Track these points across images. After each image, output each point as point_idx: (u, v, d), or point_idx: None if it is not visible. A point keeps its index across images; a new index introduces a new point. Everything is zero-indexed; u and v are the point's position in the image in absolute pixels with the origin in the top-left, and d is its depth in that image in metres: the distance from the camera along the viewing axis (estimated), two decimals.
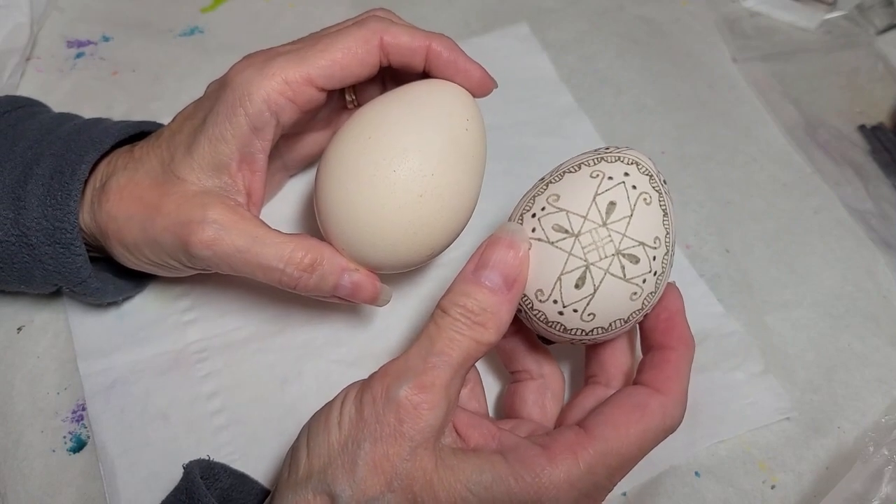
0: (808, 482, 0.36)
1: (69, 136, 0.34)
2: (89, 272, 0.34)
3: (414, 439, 0.26)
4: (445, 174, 0.31)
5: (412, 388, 0.26)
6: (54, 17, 0.51)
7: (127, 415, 0.35)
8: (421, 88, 0.33)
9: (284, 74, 0.31)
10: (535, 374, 0.33)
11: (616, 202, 0.29)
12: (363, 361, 0.38)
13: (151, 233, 0.32)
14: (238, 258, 0.31)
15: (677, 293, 0.31)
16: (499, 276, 0.28)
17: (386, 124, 0.31)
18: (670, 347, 0.30)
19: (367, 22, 0.33)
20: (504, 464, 0.26)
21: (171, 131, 0.34)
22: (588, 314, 0.29)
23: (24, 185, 0.33)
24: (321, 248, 0.32)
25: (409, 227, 0.31)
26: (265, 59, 0.32)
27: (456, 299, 0.28)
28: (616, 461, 0.27)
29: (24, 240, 0.33)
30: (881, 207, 0.45)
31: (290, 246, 0.31)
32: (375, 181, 0.30)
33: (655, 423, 0.28)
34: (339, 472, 0.26)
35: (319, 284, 0.32)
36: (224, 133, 0.32)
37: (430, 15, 0.53)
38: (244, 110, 0.31)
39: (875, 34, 0.54)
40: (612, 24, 0.53)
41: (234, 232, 0.31)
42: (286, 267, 0.31)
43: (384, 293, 0.34)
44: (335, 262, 0.32)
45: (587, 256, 0.28)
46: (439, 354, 0.27)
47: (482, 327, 0.27)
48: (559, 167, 0.31)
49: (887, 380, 0.39)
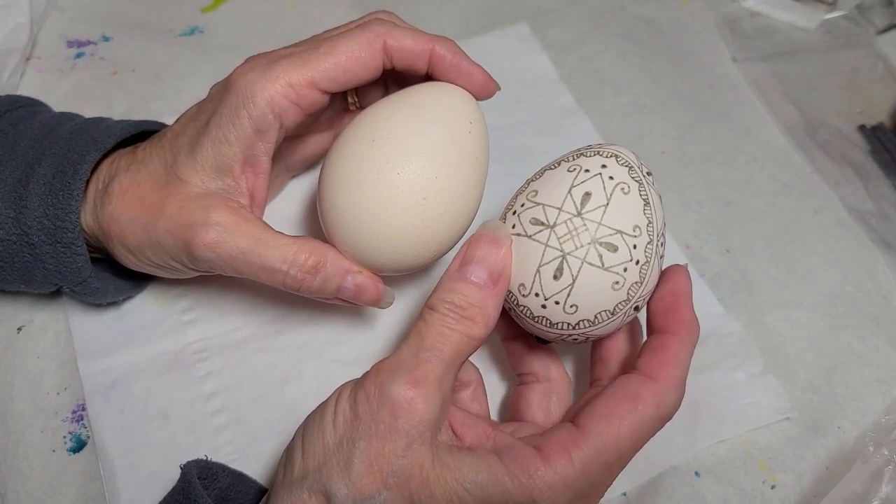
0: (808, 482, 0.36)
1: (71, 135, 0.34)
2: (90, 272, 0.34)
3: (409, 434, 0.26)
4: (449, 177, 0.31)
5: (405, 383, 0.26)
6: (54, 17, 0.51)
7: (127, 415, 0.35)
8: (424, 91, 0.33)
9: (288, 77, 0.31)
10: (541, 378, 0.33)
11: (591, 192, 0.29)
12: (363, 361, 0.38)
13: (154, 235, 0.32)
14: (241, 260, 0.31)
15: (685, 276, 0.31)
16: (484, 271, 0.28)
17: (389, 127, 0.31)
18: (670, 332, 0.29)
19: (369, 25, 0.33)
20: (500, 464, 0.26)
21: (174, 133, 0.34)
22: (570, 306, 0.29)
23: (26, 184, 0.33)
24: (324, 249, 0.32)
25: (413, 229, 0.31)
26: (269, 62, 0.32)
27: (443, 296, 0.28)
28: (611, 456, 0.27)
29: (25, 239, 0.33)
30: (881, 207, 0.45)
31: (293, 248, 0.31)
32: (379, 184, 0.30)
33: (649, 413, 0.27)
34: (335, 471, 0.26)
35: (323, 286, 0.32)
36: (227, 135, 0.32)
37: (430, 15, 0.53)
38: (248, 113, 0.31)
39: (875, 34, 0.54)
40: (612, 24, 0.53)
41: (238, 234, 0.31)
42: (289, 269, 0.31)
43: (387, 295, 0.34)
44: (338, 265, 0.32)
45: (563, 246, 0.28)
46: (430, 349, 0.27)
47: (471, 321, 0.27)
48: (542, 168, 0.31)
49: (887, 380, 0.39)
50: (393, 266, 0.32)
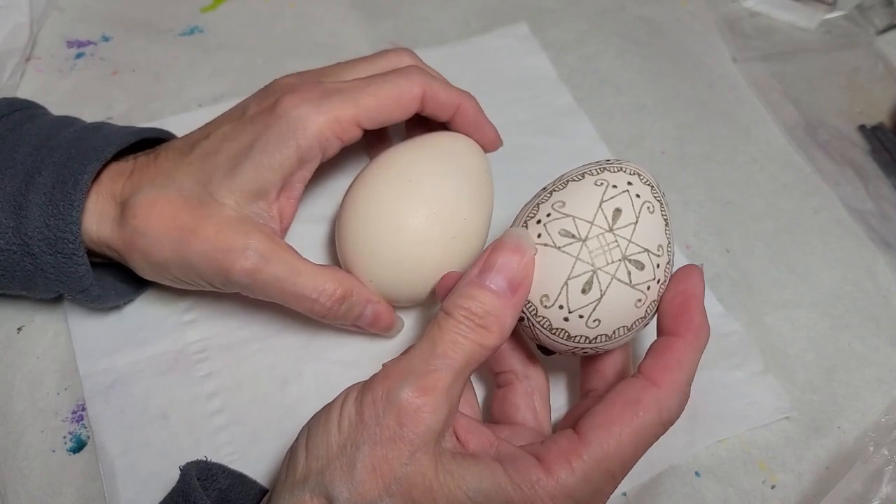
0: (808, 482, 0.36)
1: (70, 143, 0.34)
2: (91, 281, 0.34)
3: (414, 443, 0.25)
4: (473, 217, 0.35)
5: (414, 390, 0.26)
6: (54, 17, 0.51)
7: (127, 415, 0.35)
8: (447, 140, 0.37)
9: (337, 113, 0.33)
10: (520, 375, 0.33)
11: (622, 209, 0.29)
12: (363, 362, 0.38)
13: (186, 256, 0.32)
14: (276, 287, 0.33)
15: (698, 278, 0.30)
16: (504, 279, 0.28)
17: (423, 170, 0.35)
18: (677, 335, 0.29)
19: (411, 74, 0.35)
20: (503, 473, 0.26)
21: (204, 151, 0.34)
22: (594, 320, 0.29)
23: (26, 194, 0.32)
24: (351, 280, 0.34)
25: (442, 265, 0.34)
26: (320, 97, 0.34)
27: (460, 302, 0.27)
28: (613, 464, 0.26)
29: (26, 249, 0.33)
30: (881, 207, 0.45)
31: (324, 278, 0.33)
32: (415, 221, 0.34)
33: (650, 419, 0.27)
34: (337, 474, 0.25)
35: (346, 314, 0.34)
36: (272, 162, 0.33)
37: (430, 15, 0.53)
38: (296, 143, 0.33)
39: (875, 34, 0.54)
40: (612, 24, 0.53)
41: (275, 262, 0.32)
42: (320, 297, 0.33)
43: (398, 324, 0.37)
44: (363, 295, 0.34)
45: (594, 261, 0.28)
46: (442, 357, 0.26)
47: (485, 330, 0.27)
48: (561, 177, 0.31)
49: (887, 380, 0.39)
50: (409, 298, 0.36)
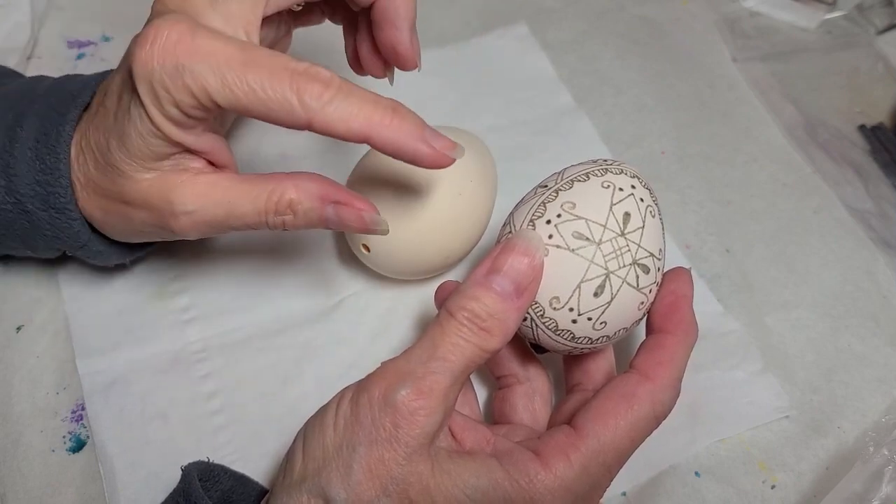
0: (808, 482, 0.36)
1: (48, 91, 0.33)
2: (88, 235, 0.33)
3: (409, 445, 0.25)
4: (485, 202, 0.38)
5: (411, 393, 0.26)
6: (54, 16, 0.50)
7: (126, 414, 0.35)
8: (457, 137, 0.37)
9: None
10: (521, 378, 0.33)
11: (630, 213, 0.29)
12: (363, 362, 0.38)
13: (133, 226, 0.32)
14: (222, 226, 0.31)
15: (688, 279, 0.31)
16: (510, 282, 0.27)
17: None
18: (668, 332, 0.29)
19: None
20: (500, 469, 0.26)
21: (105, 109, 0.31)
22: (601, 323, 0.29)
23: (11, 150, 0.32)
24: (290, 186, 0.30)
25: (466, 243, 0.37)
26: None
27: (464, 303, 0.27)
28: (609, 457, 0.27)
29: (20, 207, 0.32)
30: (881, 207, 0.45)
31: (262, 197, 0.30)
32: (442, 201, 0.36)
33: (645, 412, 0.27)
34: (334, 475, 0.25)
35: (307, 220, 0.30)
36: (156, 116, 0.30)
37: (430, 14, 0.53)
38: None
39: (875, 34, 0.54)
40: (612, 24, 0.53)
41: (208, 207, 0.30)
42: (266, 217, 0.30)
43: (378, 223, 0.30)
44: (311, 193, 0.30)
45: (608, 265, 0.28)
46: (441, 359, 0.26)
47: (487, 334, 0.27)
48: (562, 174, 0.31)
49: (887, 380, 0.39)
50: (432, 268, 0.38)
